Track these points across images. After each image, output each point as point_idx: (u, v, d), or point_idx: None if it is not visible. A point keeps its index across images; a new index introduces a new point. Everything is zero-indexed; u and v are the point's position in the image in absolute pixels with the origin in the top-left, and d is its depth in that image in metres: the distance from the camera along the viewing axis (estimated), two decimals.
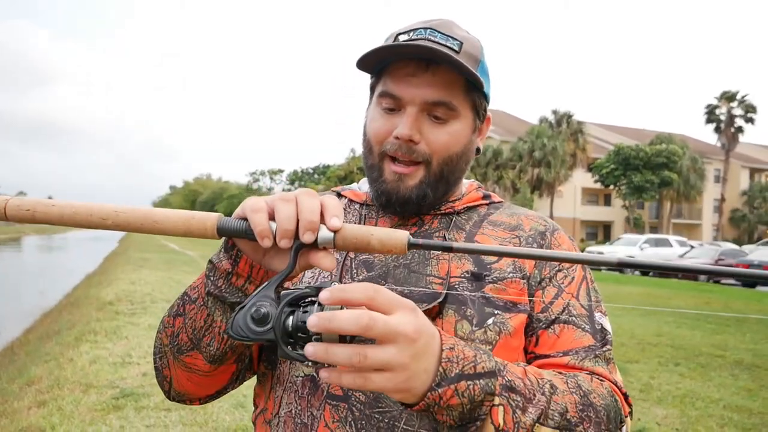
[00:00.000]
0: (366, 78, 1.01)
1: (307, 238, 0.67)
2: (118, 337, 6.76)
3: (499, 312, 0.88)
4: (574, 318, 0.91)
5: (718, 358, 7.01)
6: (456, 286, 0.89)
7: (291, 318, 0.63)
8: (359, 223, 0.98)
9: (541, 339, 0.90)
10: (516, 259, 0.92)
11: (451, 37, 0.90)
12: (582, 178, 44.12)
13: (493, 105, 1.05)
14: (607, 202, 49.14)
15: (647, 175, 37.65)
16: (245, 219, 0.70)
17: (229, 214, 0.74)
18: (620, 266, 0.71)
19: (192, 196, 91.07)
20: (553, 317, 0.90)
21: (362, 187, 1.07)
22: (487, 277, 0.90)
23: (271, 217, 0.69)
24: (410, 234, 0.91)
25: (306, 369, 0.88)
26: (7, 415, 4.51)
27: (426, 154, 0.91)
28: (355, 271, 0.92)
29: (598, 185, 42.58)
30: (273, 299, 0.66)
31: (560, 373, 0.82)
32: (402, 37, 0.92)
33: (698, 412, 4.90)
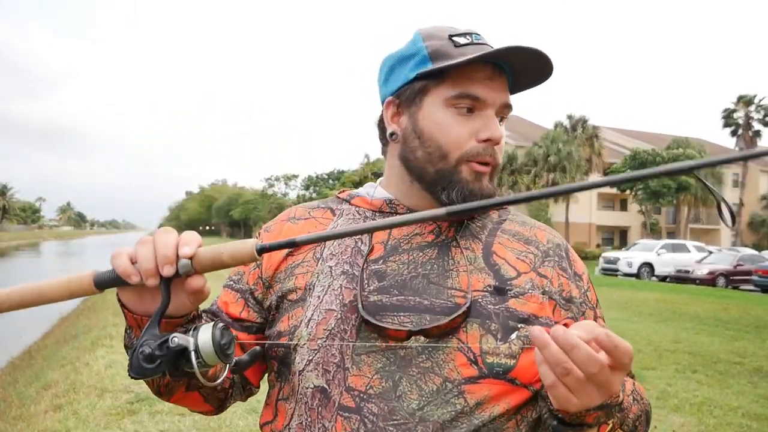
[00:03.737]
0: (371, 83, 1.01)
1: (166, 271, 0.72)
2: None
3: (522, 325, 0.87)
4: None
5: (737, 365, 6.91)
6: (479, 300, 0.88)
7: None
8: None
9: None
10: (534, 276, 0.92)
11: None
12: None
13: None
14: (624, 207, 48.68)
15: (664, 179, 37.30)
16: None
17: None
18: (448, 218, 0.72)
19: (208, 202, 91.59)
20: None
21: (372, 192, 1.02)
22: (509, 292, 0.89)
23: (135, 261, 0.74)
24: (429, 240, 0.93)
25: (317, 380, 0.88)
26: (24, 418, 4.56)
27: (498, 157, 0.94)
28: (366, 282, 0.90)
29: (614, 190, 42.17)
30: (157, 336, 0.72)
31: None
32: (460, 39, 0.92)
33: (716, 420, 4.83)
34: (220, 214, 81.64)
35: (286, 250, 0.95)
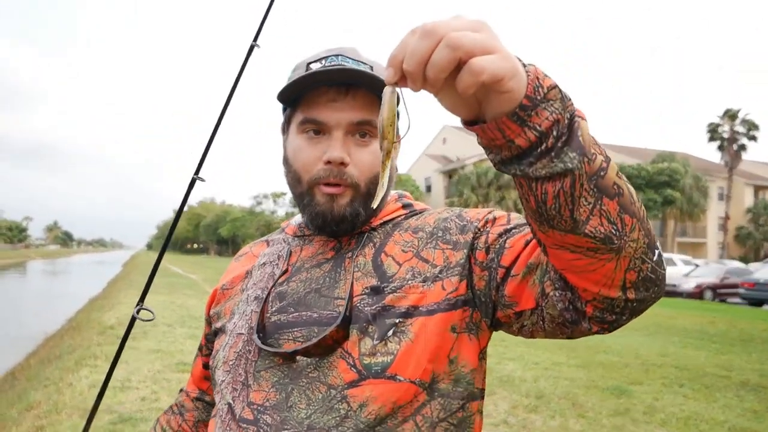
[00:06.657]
0: None
1: None
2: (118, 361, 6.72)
3: (400, 319, 0.87)
4: (515, 228, 0.88)
5: (724, 379, 6.93)
6: (358, 305, 0.89)
7: None
8: (287, 255, 1.02)
9: (503, 256, 0.85)
10: (414, 265, 0.91)
11: (362, 62, 0.95)
12: None
13: None
14: None
15: (649, 193, 37.59)
16: None
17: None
18: None
19: (195, 220, 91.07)
20: (497, 245, 0.87)
21: (297, 221, 1.09)
22: (386, 289, 0.90)
23: None
24: (329, 257, 0.97)
25: (227, 397, 0.94)
26: None
27: (354, 177, 0.93)
28: (271, 303, 0.96)
29: None
30: None
31: None
32: (314, 65, 0.94)
33: None
34: (208, 232, 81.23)
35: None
